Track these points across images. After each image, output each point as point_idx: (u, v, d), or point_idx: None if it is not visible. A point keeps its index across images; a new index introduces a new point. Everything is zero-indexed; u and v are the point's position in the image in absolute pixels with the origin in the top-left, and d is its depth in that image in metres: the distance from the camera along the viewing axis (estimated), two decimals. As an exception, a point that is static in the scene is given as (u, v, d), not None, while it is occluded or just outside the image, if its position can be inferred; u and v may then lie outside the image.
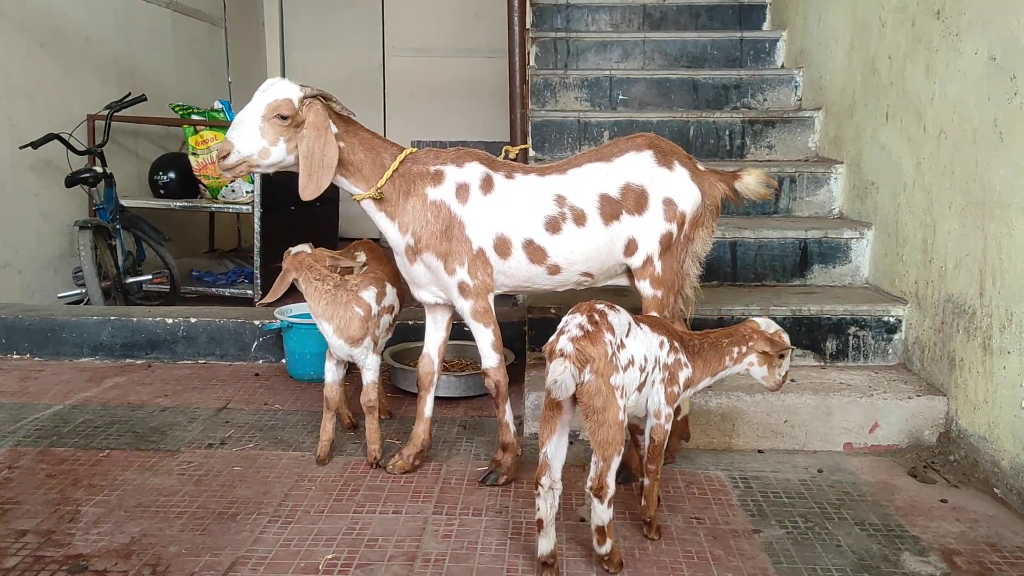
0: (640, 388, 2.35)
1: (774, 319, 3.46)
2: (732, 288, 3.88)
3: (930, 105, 3.33)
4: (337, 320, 2.88)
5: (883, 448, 3.15)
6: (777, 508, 2.71)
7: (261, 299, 3.45)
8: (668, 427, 2.47)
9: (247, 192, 5.97)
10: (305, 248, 2.94)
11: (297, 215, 6.37)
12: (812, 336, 3.51)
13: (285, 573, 2.30)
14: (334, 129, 2.68)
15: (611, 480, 2.23)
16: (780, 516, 2.65)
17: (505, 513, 2.67)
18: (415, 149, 2.82)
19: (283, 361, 4.10)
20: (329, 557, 2.38)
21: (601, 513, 2.25)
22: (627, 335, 2.29)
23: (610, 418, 2.19)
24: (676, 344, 2.48)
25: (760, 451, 3.16)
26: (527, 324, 3.69)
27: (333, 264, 2.94)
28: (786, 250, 3.88)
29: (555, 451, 2.25)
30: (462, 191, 2.73)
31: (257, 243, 5.83)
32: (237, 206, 5.93)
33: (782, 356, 2.53)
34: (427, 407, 2.97)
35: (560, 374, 2.10)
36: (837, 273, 3.89)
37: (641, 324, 2.41)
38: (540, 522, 2.25)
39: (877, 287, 3.77)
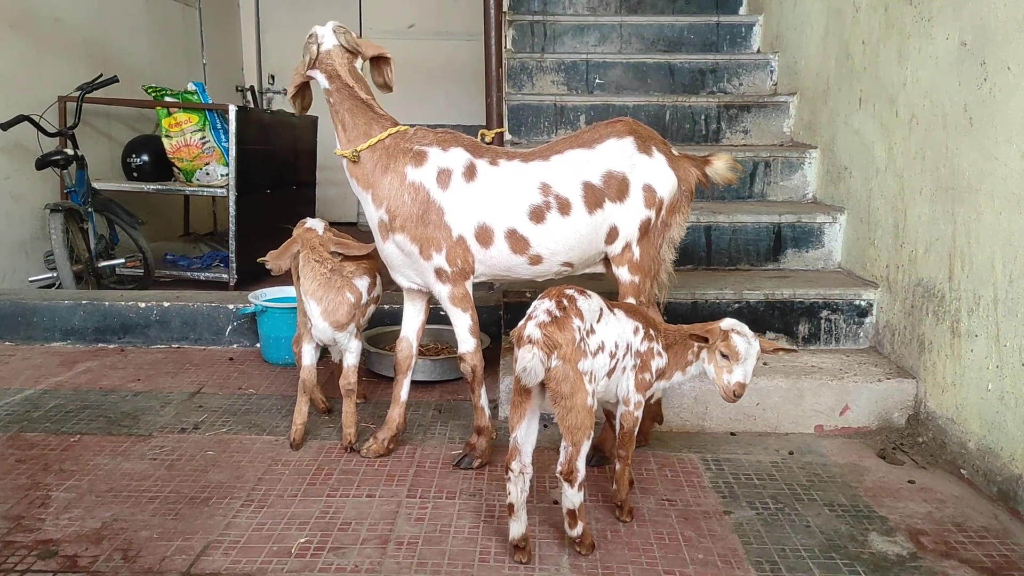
0: (610, 374, 2.36)
1: (748, 304, 3.52)
2: (707, 272, 3.90)
3: (902, 90, 3.35)
4: (326, 303, 2.86)
5: (853, 430, 3.19)
6: (748, 490, 2.74)
7: (244, 283, 3.43)
8: (638, 414, 2.47)
9: (222, 175, 5.91)
10: (318, 227, 2.93)
11: (273, 198, 6.33)
12: (785, 320, 3.54)
13: (258, 557, 2.30)
14: (325, 84, 2.72)
15: (581, 464, 2.24)
16: (751, 497, 2.68)
17: (479, 496, 2.68)
18: (408, 127, 2.80)
19: (257, 345, 4.08)
20: (302, 541, 2.38)
21: (572, 497, 2.27)
22: (598, 321, 2.30)
23: (578, 403, 2.20)
24: (652, 332, 2.47)
25: (732, 434, 3.19)
26: (503, 308, 3.70)
27: (338, 252, 2.92)
28: (760, 234, 3.91)
29: (525, 436, 2.27)
30: (443, 176, 2.71)
31: (232, 226, 5.78)
32: (212, 189, 5.87)
33: (727, 358, 2.37)
34: (403, 391, 2.97)
35: (528, 361, 2.11)
36: (810, 257, 3.92)
37: (615, 310, 2.41)
38: (511, 506, 2.26)
39: (849, 271, 3.81)
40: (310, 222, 2.95)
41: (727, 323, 2.42)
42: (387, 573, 2.24)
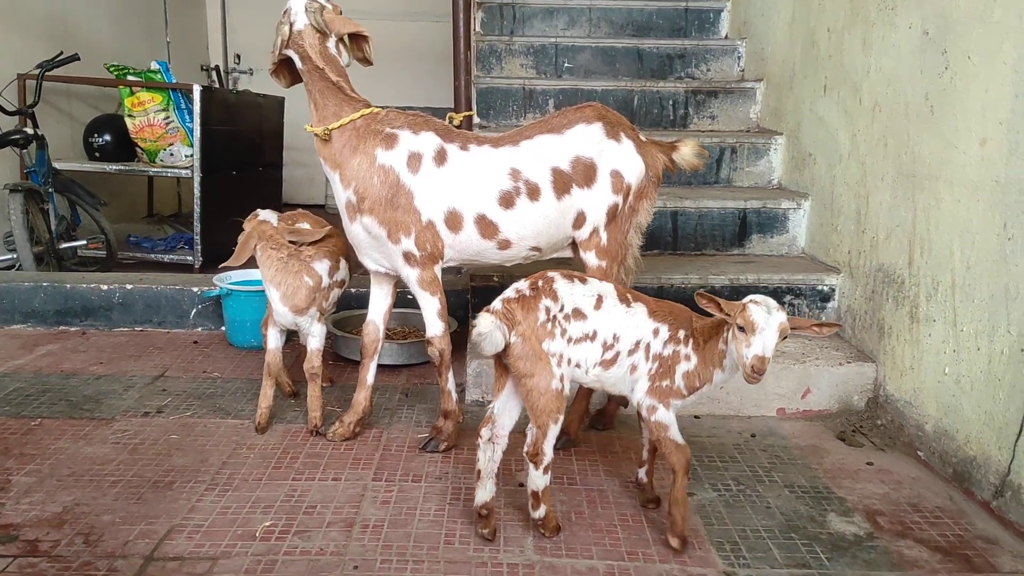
0: (606, 365, 2.29)
1: (712, 288, 3.55)
2: (673, 257, 3.93)
3: (866, 78, 3.39)
4: (284, 288, 2.85)
5: (814, 413, 3.25)
6: (711, 472, 2.78)
7: (209, 265, 3.40)
8: (655, 419, 2.29)
9: (186, 156, 5.83)
10: (271, 218, 2.92)
11: (239, 179, 6.26)
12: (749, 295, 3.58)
13: (222, 540, 2.29)
14: (299, 64, 2.69)
15: (547, 447, 2.26)
16: (713, 479, 2.72)
17: (445, 479, 2.69)
18: (379, 109, 2.77)
19: (222, 329, 4.05)
20: (267, 524, 2.38)
21: (536, 479, 2.29)
22: (595, 308, 2.27)
23: (540, 385, 2.22)
24: (681, 335, 2.29)
25: (696, 416, 3.23)
26: (471, 292, 3.70)
27: (294, 240, 2.92)
28: (726, 220, 3.94)
29: (502, 408, 2.32)
30: (414, 160, 2.70)
31: (197, 208, 5.71)
32: (176, 170, 5.80)
33: (743, 331, 2.10)
34: (369, 374, 2.97)
35: (482, 327, 2.18)
36: (775, 243, 3.96)
37: (637, 304, 2.31)
38: (478, 472, 2.31)
39: (813, 256, 3.86)
40: (262, 214, 2.92)
41: (749, 297, 2.19)
42: (352, 556, 2.24)
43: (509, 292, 2.28)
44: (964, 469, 2.68)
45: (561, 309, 2.25)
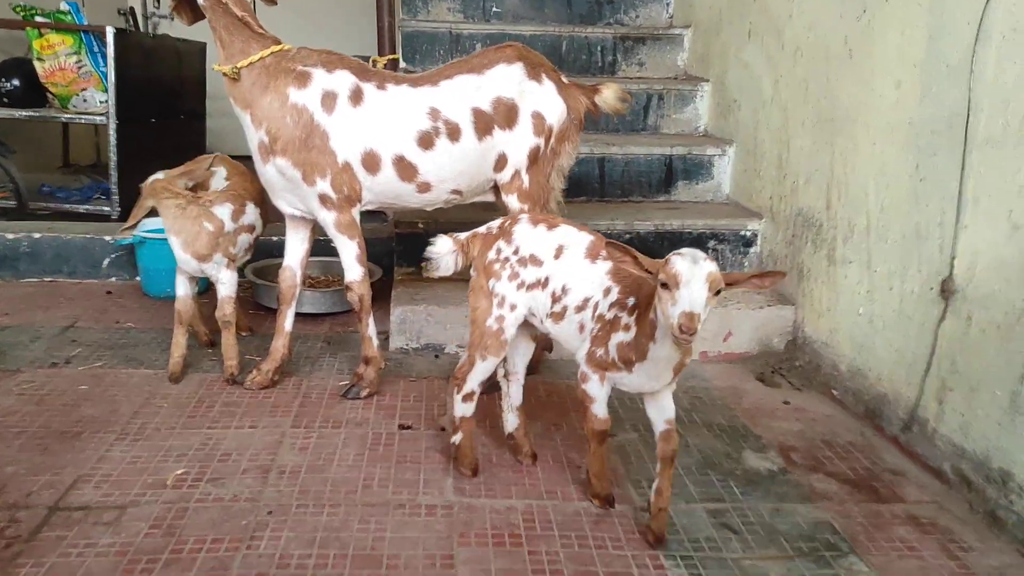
0: (555, 318, 2.19)
1: (638, 234, 3.55)
2: (600, 204, 3.92)
3: (788, 23, 3.40)
4: (185, 234, 2.77)
5: (736, 356, 3.29)
6: (632, 414, 2.80)
7: (121, 225, 3.26)
8: (584, 387, 2.13)
9: (100, 102, 5.58)
10: (159, 175, 2.85)
11: (158, 128, 6.01)
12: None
13: (131, 489, 2.22)
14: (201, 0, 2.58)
15: (471, 379, 2.30)
16: (635, 421, 2.74)
17: (365, 425, 2.66)
18: (290, 47, 2.67)
19: (138, 279, 3.91)
20: (179, 472, 2.32)
21: (456, 404, 2.34)
22: (554, 256, 2.18)
23: (479, 319, 2.26)
24: (630, 302, 2.04)
25: (620, 361, 3.25)
26: (395, 240, 3.63)
27: (186, 180, 2.85)
28: (652, 166, 3.94)
29: (513, 346, 2.35)
30: (328, 100, 2.61)
31: (113, 157, 5.46)
32: (90, 116, 5.54)
33: (666, 287, 1.79)
34: (287, 321, 2.90)
35: (439, 249, 2.27)
36: (700, 189, 3.98)
37: (600, 262, 2.13)
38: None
39: (736, 203, 3.89)
40: (151, 178, 2.85)
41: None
42: (267, 501, 2.20)
43: (482, 227, 2.33)
44: (875, 406, 2.76)
45: (515, 252, 2.22)
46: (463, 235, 2.32)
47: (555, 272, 2.18)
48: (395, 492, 2.28)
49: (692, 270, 1.78)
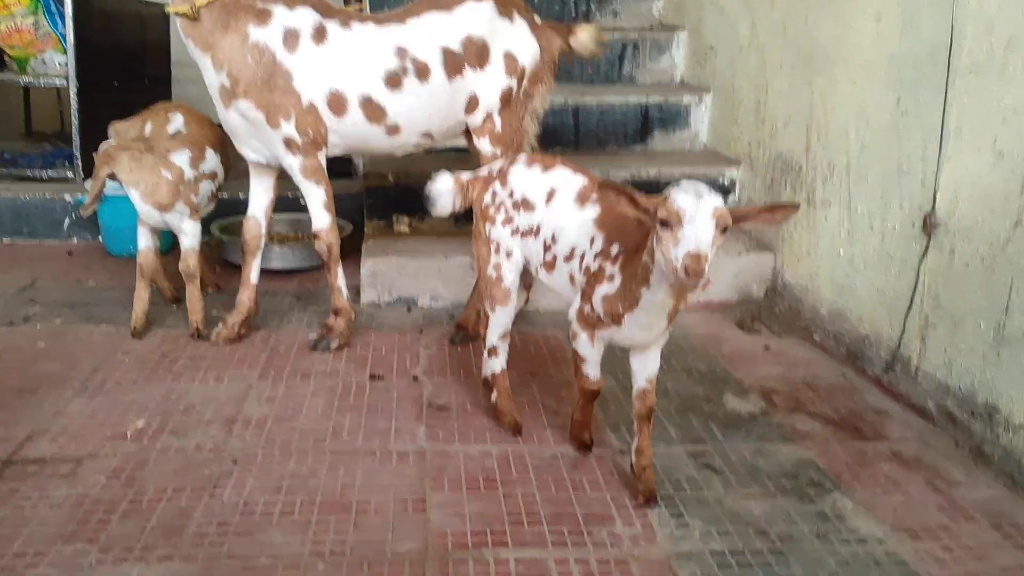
0: (547, 267, 2.06)
1: (614, 182, 3.47)
2: (575, 155, 3.81)
3: (765, -38, 3.31)
4: (143, 185, 2.66)
5: (715, 304, 3.23)
6: (609, 361, 2.70)
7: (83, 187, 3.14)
8: (575, 346, 2.01)
9: (60, 64, 5.41)
10: (110, 142, 2.78)
11: (123, 91, 5.83)
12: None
13: (89, 442, 2.14)
14: None
15: (489, 334, 2.24)
16: (612, 367, 2.65)
17: (336, 376, 2.58)
18: None
19: (100, 239, 3.79)
20: (139, 424, 2.23)
21: (485, 361, 2.29)
22: (546, 200, 2.04)
23: (480, 267, 2.19)
24: (614, 250, 1.87)
25: (598, 311, 3.18)
26: (365, 194, 3.53)
27: (138, 130, 2.75)
28: (628, 116, 3.85)
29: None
30: (291, 38, 2.50)
31: (75, 121, 5.29)
32: (49, 78, 5.37)
33: (667, 226, 1.59)
34: (253, 272, 2.80)
35: (439, 187, 2.20)
36: (677, 138, 3.90)
37: (589, 207, 1.97)
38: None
39: (714, 151, 3.81)
40: (102, 145, 2.76)
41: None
42: (232, 451, 2.12)
43: (484, 169, 2.27)
44: (857, 348, 2.71)
45: (510, 195, 2.11)
46: (465, 175, 2.23)
47: (546, 218, 2.04)
48: (365, 440, 2.20)
49: (696, 205, 1.58)
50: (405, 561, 1.72)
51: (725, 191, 3.54)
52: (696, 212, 1.57)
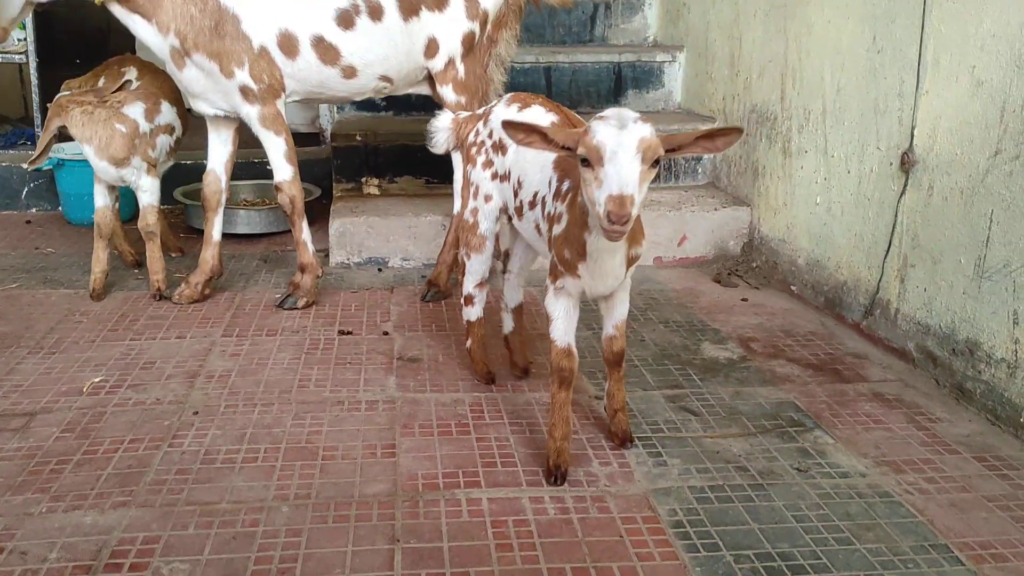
0: (519, 215, 1.90)
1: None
2: (547, 116, 3.76)
3: (737, -89, 3.25)
4: (97, 140, 2.57)
5: (691, 260, 3.18)
6: (585, 314, 2.66)
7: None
8: (545, 305, 1.80)
9: (18, 40, 5.25)
10: (63, 93, 2.71)
11: (85, 70, 5.70)
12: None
13: (43, 398, 2.04)
14: None
15: (464, 282, 2.13)
16: (587, 319, 2.59)
17: (303, 332, 2.50)
18: None
19: (60, 208, 3.67)
20: (96, 380, 2.14)
21: (463, 311, 2.19)
22: (519, 143, 1.72)
23: (462, 210, 2.10)
24: (565, 186, 1.69)
25: (573, 269, 3.12)
26: (332, 154, 3.44)
27: (96, 89, 2.66)
28: (600, 75, 3.78)
29: (512, 246, 2.18)
30: None
31: (36, 97, 5.16)
32: (8, 55, 5.22)
33: (589, 164, 1.44)
34: (215, 230, 2.71)
35: (438, 124, 2.10)
36: (651, 98, 3.84)
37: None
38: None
39: (689, 110, 3.76)
40: (58, 95, 2.69)
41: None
42: (193, 403, 2.04)
43: (481, 108, 2.20)
44: (835, 295, 2.66)
45: (490, 135, 1.99)
46: (464, 114, 2.16)
47: (515, 161, 1.90)
48: (333, 391, 2.13)
49: (618, 138, 1.39)
50: (373, 502, 1.65)
51: (700, 147, 3.49)
52: (618, 147, 1.39)
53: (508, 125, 1.50)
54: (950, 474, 1.80)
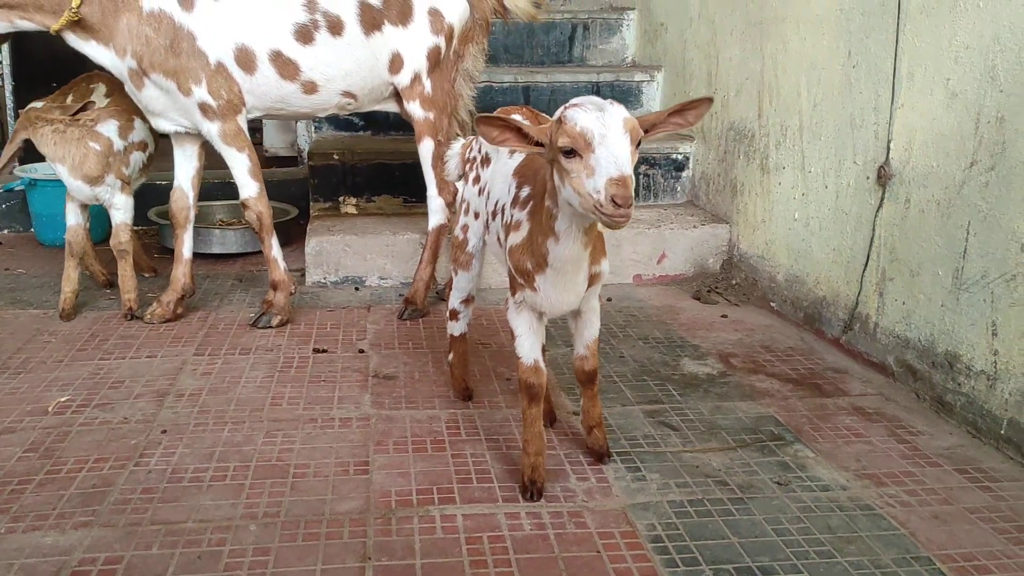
0: (487, 228, 1.86)
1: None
2: (526, 135, 3.75)
3: (712, -68, 3.28)
4: (70, 159, 2.53)
5: (670, 278, 3.16)
6: (564, 331, 2.64)
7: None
8: (509, 321, 1.75)
9: (-6, 62, 5.22)
10: (34, 104, 2.65)
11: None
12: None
13: (7, 418, 1.99)
14: None
15: (451, 296, 2.08)
16: (566, 337, 2.58)
17: (277, 351, 2.45)
18: None
19: (32, 230, 3.62)
20: (63, 400, 2.09)
21: (448, 325, 2.15)
22: (510, 156, 1.75)
23: (456, 224, 2.04)
24: (524, 193, 1.64)
25: (552, 287, 3.09)
26: (310, 174, 3.42)
27: (63, 107, 2.62)
28: (579, 94, 3.75)
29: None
30: None
31: (11, 120, 5.13)
32: (-18, 78, 5.17)
33: (573, 154, 1.38)
34: (185, 247, 2.67)
35: (452, 151, 2.07)
36: (629, 118, 3.84)
37: (516, 154, 1.74)
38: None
39: (667, 129, 3.76)
40: (28, 106, 2.64)
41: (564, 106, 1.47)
42: (162, 422, 1.99)
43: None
44: (815, 311, 2.65)
45: (479, 151, 1.93)
46: (471, 139, 2.08)
47: (489, 173, 1.86)
48: (306, 408, 2.09)
49: (603, 121, 1.35)
50: (345, 520, 1.60)
51: (679, 167, 3.49)
52: (606, 129, 1.35)
53: (482, 121, 1.45)
54: (931, 486, 1.78)
